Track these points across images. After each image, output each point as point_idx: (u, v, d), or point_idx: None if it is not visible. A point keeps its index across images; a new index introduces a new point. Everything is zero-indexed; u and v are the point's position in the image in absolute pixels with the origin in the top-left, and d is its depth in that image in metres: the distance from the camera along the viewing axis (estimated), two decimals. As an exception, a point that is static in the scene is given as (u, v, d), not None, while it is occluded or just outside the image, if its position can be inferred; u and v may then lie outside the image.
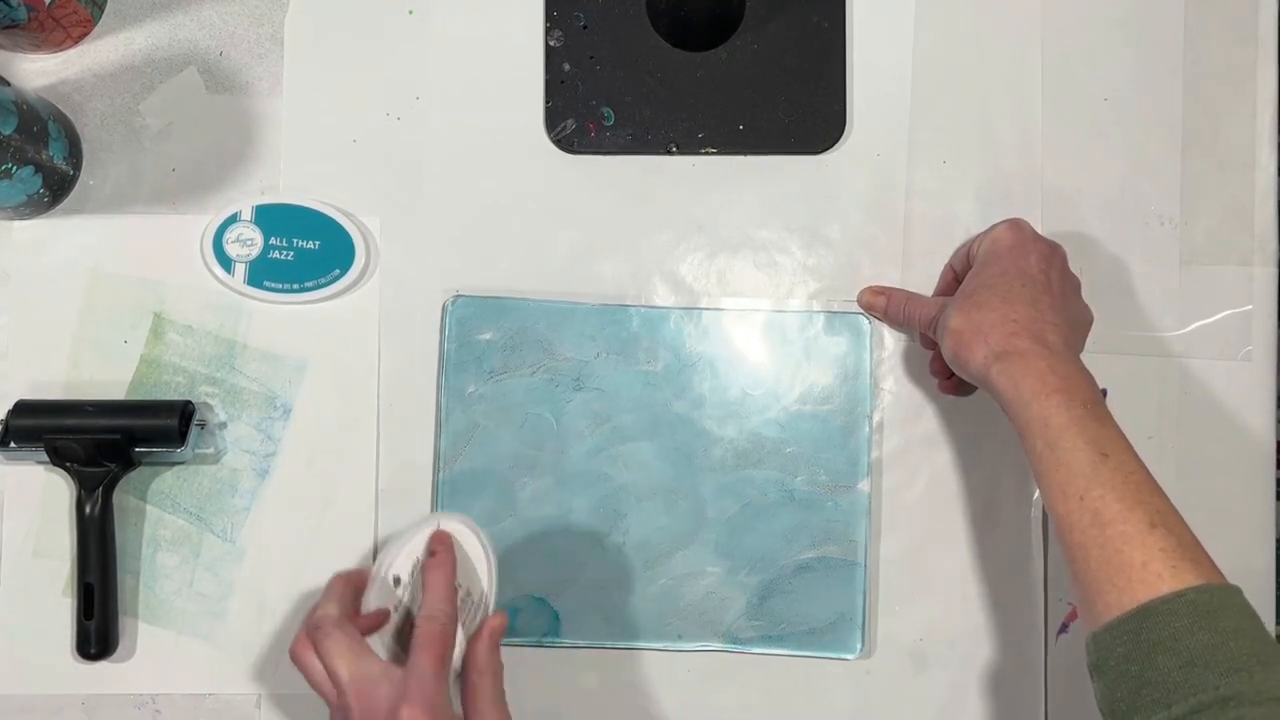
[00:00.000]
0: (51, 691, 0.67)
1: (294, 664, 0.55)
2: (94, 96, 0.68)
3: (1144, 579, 0.48)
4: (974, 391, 0.66)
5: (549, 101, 0.68)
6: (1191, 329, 0.68)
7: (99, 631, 0.64)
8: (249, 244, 0.67)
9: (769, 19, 0.68)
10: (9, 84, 0.64)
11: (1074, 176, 0.68)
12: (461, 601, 0.56)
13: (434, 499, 0.67)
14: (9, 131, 0.60)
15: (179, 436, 0.64)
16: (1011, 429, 0.55)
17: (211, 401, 0.67)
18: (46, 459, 0.64)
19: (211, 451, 0.67)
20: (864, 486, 0.67)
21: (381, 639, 0.55)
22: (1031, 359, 0.54)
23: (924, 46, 0.69)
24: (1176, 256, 0.68)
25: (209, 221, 0.67)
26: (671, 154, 0.68)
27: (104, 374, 0.67)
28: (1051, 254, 0.60)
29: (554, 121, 0.68)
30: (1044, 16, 0.69)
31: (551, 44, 0.68)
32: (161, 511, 0.67)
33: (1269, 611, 0.67)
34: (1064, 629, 0.67)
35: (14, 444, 0.64)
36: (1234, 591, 0.48)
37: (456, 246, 0.68)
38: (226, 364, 0.68)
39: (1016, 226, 0.61)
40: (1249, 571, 0.67)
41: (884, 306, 0.67)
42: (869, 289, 0.68)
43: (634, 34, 0.68)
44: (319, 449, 0.67)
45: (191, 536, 0.67)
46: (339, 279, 0.67)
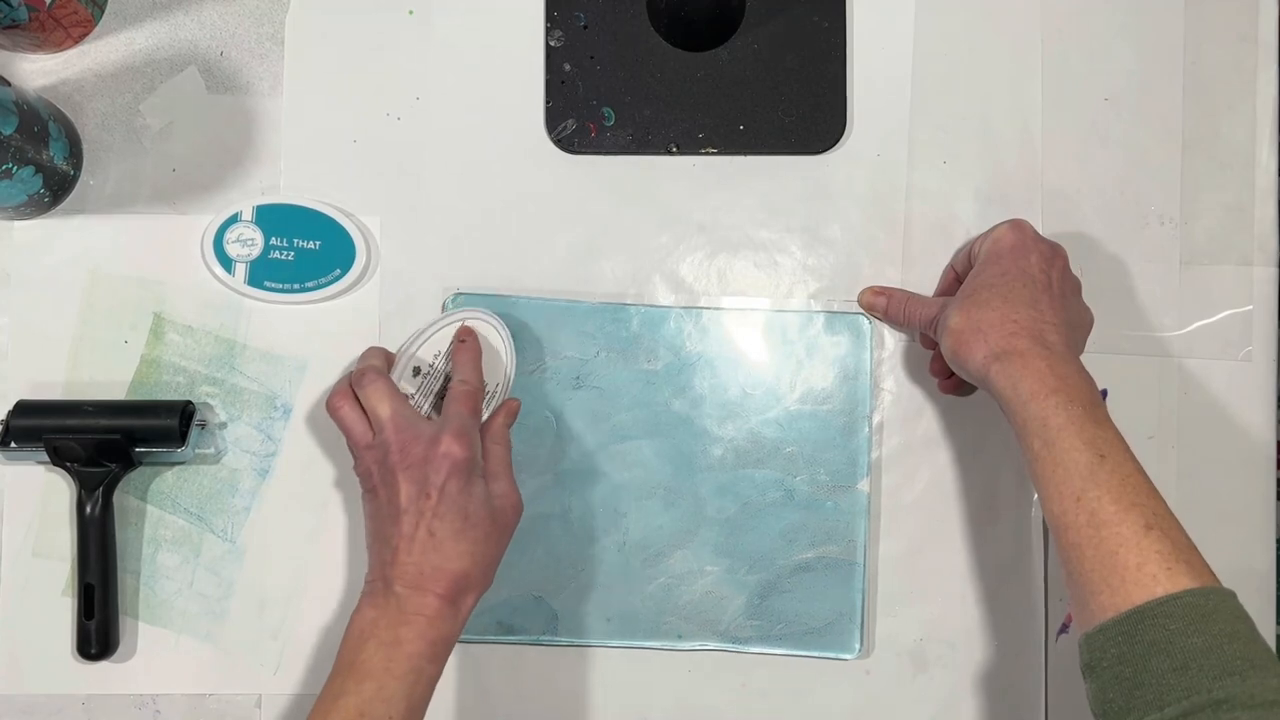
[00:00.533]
0: (51, 691, 0.67)
1: (330, 413, 0.60)
2: (94, 96, 0.68)
3: (1139, 581, 0.48)
4: (974, 392, 0.66)
5: (549, 101, 0.68)
6: (1191, 329, 0.68)
7: (99, 631, 0.64)
8: (249, 244, 0.67)
9: (769, 19, 0.68)
10: (9, 84, 0.64)
11: (1074, 176, 0.68)
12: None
13: (434, 499, 0.67)
14: (9, 131, 0.60)
15: (179, 436, 0.64)
16: (1011, 430, 0.56)
17: (212, 401, 0.67)
18: (47, 459, 0.64)
19: (212, 451, 0.67)
20: (864, 486, 0.67)
21: None
22: (1031, 359, 0.54)
23: (924, 46, 0.69)
24: (1176, 256, 0.68)
25: (209, 221, 0.67)
26: (672, 154, 0.68)
27: (104, 374, 0.67)
28: (1053, 255, 0.60)
29: (554, 121, 0.68)
30: (1044, 16, 0.69)
31: (552, 44, 0.68)
32: (162, 511, 0.67)
33: (1269, 612, 0.67)
34: (1064, 629, 0.67)
35: (14, 444, 0.64)
36: (1228, 595, 0.48)
37: (456, 246, 0.68)
38: (227, 364, 0.68)
39: (1018, 227, 0.61)
40: (1249, 572, 0.67)
41: (884, 306, 0.67)
42: (869, 289, 0.68)
43: (634, 34, 0.68)
44: (319, 449, 0.67)
45: (192, 536, 0.67)
46: (339, 279, 0.67)
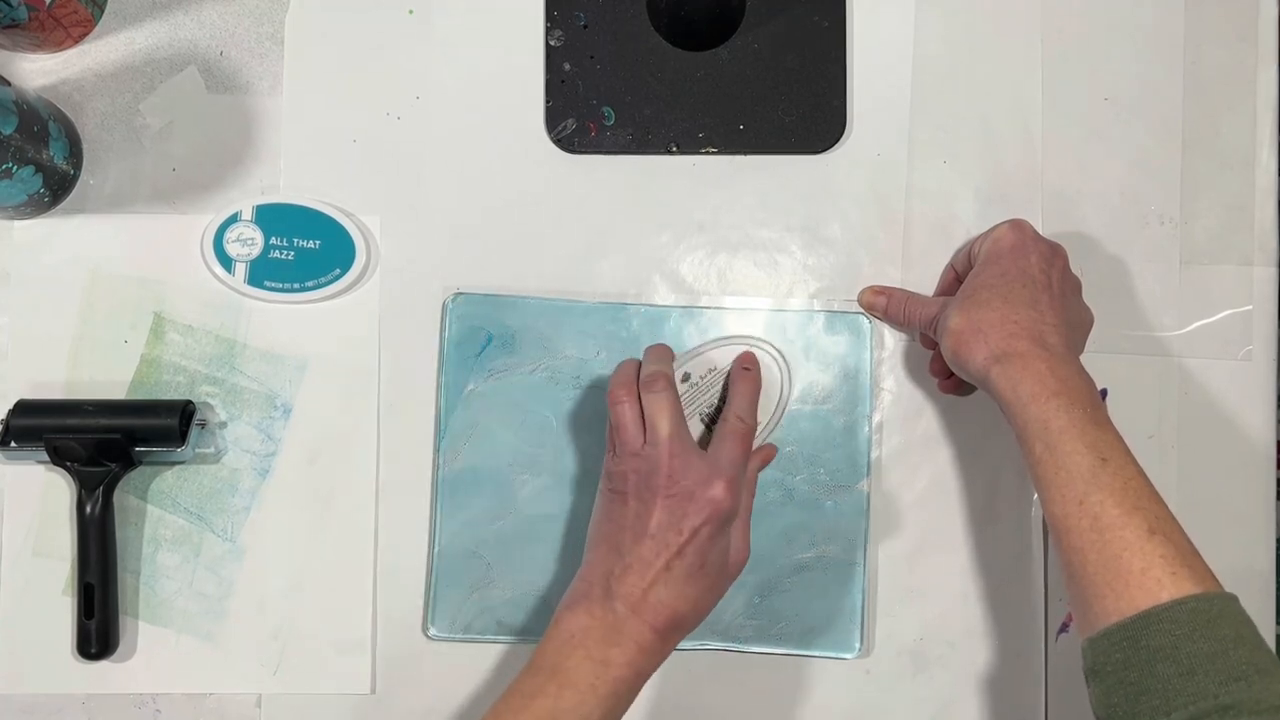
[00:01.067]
0: (51, 691, 0.67)
1: (610, 403, 0.59)
2: (94, 96, 0.68)
3: (1143, 585, 0.48)
4: (974, 391, 0.66)
5: (549, 101, 0.68)
6: (1191, 329, 0.68)
7: (99, 631, 0.64)
8: (249, 244, 0.67)
9: (769, 19, 0.68)
10: (9, 84, 0.64)
11: (1074, 176, 0.68)
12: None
13: (433, 497, 0.67)
14: (9, 131, 0.60)
15: (179, 436, 0.64)
16: (1011, 430, 0.56)
17: (212, 401, 0.67)
18: (47, 459, 0.64)
19: (212, 451, 0.67)
20: (864, 486, 0.67)
21: None
22: (1031, 361, 0.54)
23: (924, 46, 0.69)
24: (1176, 256, 0.68)
25: (209, 221, 0.67)
26: (672, 154, 0.68)
27: (104, 374, 0.67)
28: (1053, 255, 0.60)
29: (554, 121, 0.68)
30: (1044, 16, 0.69)
31: (552, 44, 0.68)
32: (162, 511, 0.67)
33: (1270, 612, 0.67)
34: (1064, 629, 0.67)
35: (14, 444, 0.64)
36: (1231, 599, 0.48)
37: (456, 246, 0.68)
38: (227, 364, 0.68)
39: (1018, 227, 0.61)
40: (1249, 572, 0.67)
41: (884, 306, 0.67)
42: (869, 289, 0.68)
43: (634, 34, 0.68)
44: (319, 449, 0.67)
45: (192, 536, 0.67)
46: (339, 278, 0.67)
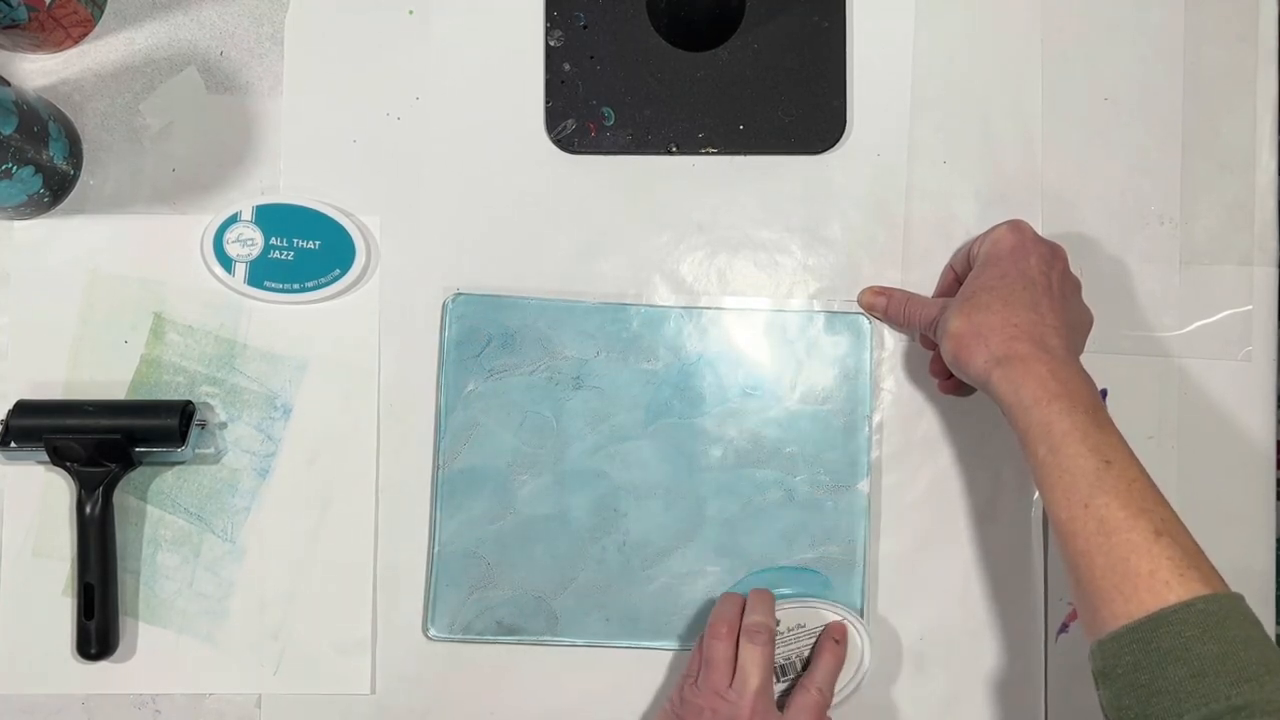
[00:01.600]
0: (51, 691, 0.67)
1: (708, 635, 0.61)
2: (94, 96, 0.68)
3: (1151, 587, 0.48)
4: (974, 392, 0.66)
5: (549, 101, 0.68)
6: (1191, 329, 0.68)
7: (99, 631, 0.64)
8: (249, 244, 0.67)
9: (769, 19, 0.68)
10: (9, 84, 0.64)
11: (1074, 176, 0.68)
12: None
13: (433, 496, 0.67)
14: (9, 131, 0.60)
15: (179, 436, 0.64)
16: (1011, 431, 0.55)
17: (212, 401, 0.67)
18: (46, 459, 0.64)
19: (212, 451, 0.67)
20: (864, 487, 0.67)
21: None
22: (1032, 364, 0.54)
23: (924, 46, 0.69)
24: (1176, 256, 0.68)
25: (209, 221, 0.67)
26: (672, 154, 0.68)
27: (104, 374, 0.67)
28: (1052, 256, 0.60)
29: (554, 121, 0.68)
30: (1044, 16, 0.69)
31: (551, 44, 0.68)
32: (162, 511, 0.67)
33: (1269, 612, 0.67)
34: (1064, 629, 0.67)
35: (14, 444, 0.64)
36: (1238, 600, 0.48)
37: (456, 246, 0.68)
38: (227, 364, 0.68)
39: (1017, 228, 0.61)
40: (1249, 572, 0.67)
41: (884, 307, 0.67)
42: (869, 289, 0.68)
43: (634, 34, 0.68)
44: (319, 449, 0.67)
45: (192, 536, 0.67)
46: (339, 279, 0.67)
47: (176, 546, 0.67)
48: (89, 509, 0.64)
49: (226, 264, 0.67)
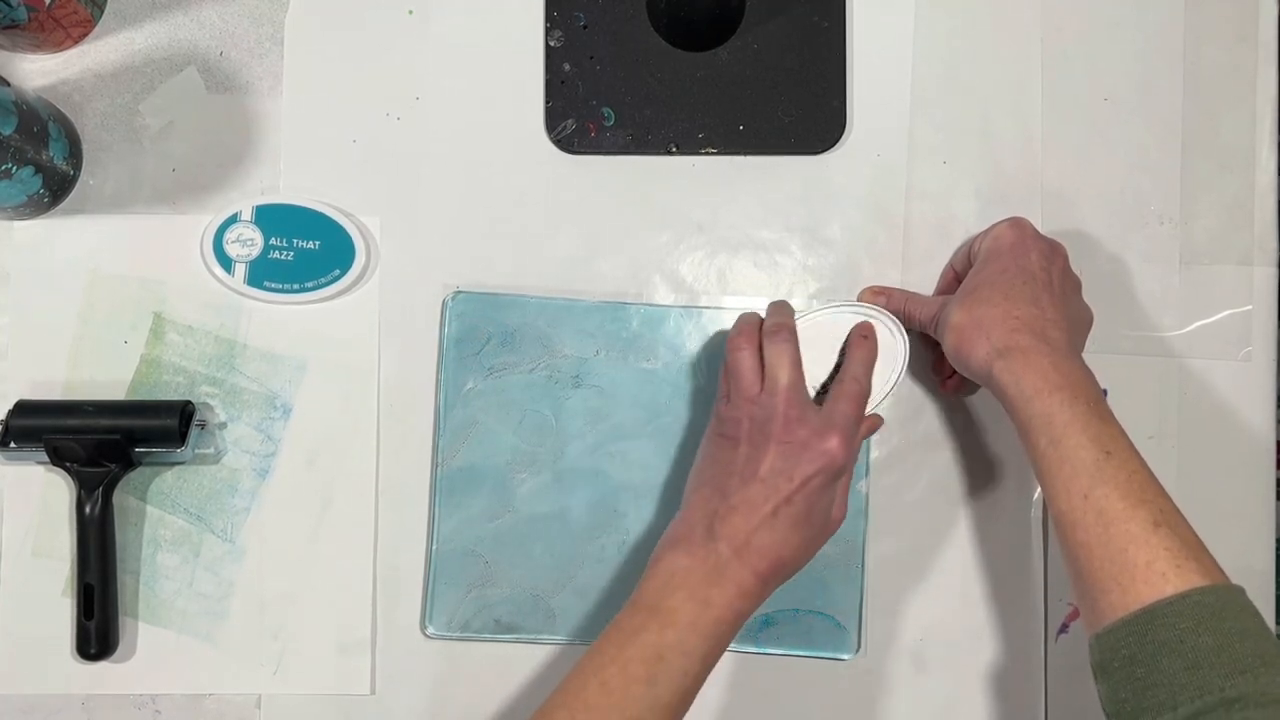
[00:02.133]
0: (51, 691, 0.67)
1: (730, 349, 0.59)
2: (94, 96, 0.68)
3: (1148, 579, 0.48)
4: (975, 390, 0.66)
5: (549, 101, 0.68)
6: (1191, 329, 0.68)
7: (99, 631, 0.64)
8: (249, 244, 0.67)
9: (769, 19, 0.68)
10: (9, 84, 0.64)
11: (1074, 176, 0.68)
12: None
13: (432, 496, 0.67)
14: (9, 131, 0.60)
15: (179, 437, 0.64)
16: (1011, 429, 0.55)
17: (211, 401, 0.67)
18: (46, 459, 0.64)
19: (211, 451, 0.67)
20: (862, 486, 0.67)
21: None
22: (1034, 356, 0.54)
23: (924, 46, 0.69)
24: (1176, 256, 0.68)
25: (209, 221, 0.67)
26: (672, 154, 0.68)
27: (104, 374, 0.67)
28: (1052, 253, 0.60)
29: (554, 121, 0.68)
30: (1044, 16, 0.69)
31: (551, 44, 0.68)
32: (161, 511, 0.67)
33: (1269, 612, 0.67)
34: (1064, 629, 0.67)
35: (14, 444, 0.64)
36: (1237, 591, 0.48)
37: (456, 247, 0.68)
38: (226, 364, 0.68)
39: (1018, 225, 0.61)
40: (1249, 571, 0.67)
41: (884, 306, 0.67)
42: (869, 289, 0.68)
43: (634, 34, 0.68)
44: (319, 449, 0.67)
45: (191, 536, 0.67)
46: (339, 279, 0.67)
47: (176, 547, 0.67)
48: (89, 509, 0.64)
49: (226, 264, 0.67)
